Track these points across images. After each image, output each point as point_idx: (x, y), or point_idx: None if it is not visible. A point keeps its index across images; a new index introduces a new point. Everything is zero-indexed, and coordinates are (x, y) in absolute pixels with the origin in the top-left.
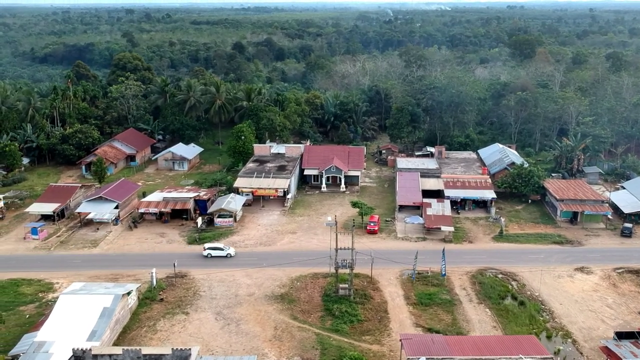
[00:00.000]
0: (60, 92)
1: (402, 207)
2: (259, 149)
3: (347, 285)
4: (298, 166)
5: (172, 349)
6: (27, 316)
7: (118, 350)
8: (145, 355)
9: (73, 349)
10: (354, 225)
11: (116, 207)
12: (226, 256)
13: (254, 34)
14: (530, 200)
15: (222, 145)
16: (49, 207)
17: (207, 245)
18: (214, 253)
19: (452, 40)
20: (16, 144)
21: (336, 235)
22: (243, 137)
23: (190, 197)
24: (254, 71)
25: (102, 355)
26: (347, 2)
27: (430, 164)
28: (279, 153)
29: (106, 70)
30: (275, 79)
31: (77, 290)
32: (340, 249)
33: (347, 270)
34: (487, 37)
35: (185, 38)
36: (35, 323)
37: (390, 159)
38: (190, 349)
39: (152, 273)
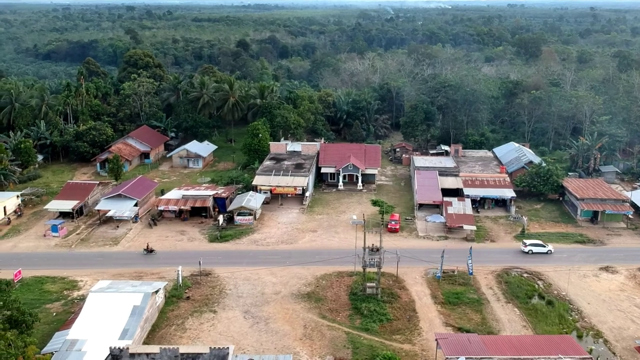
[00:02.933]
0: (73, 88)
1: (421, 206)
2: (275, 147)
3: (374, 284)
4: (315, 164)
5: (210, 347)
6: (54, 314)
7: (155, 349)
8: (182, 354)
9: (110, 348)
10: (381, 224)
11: (135, 205)
12: (547, 252)
13: (257, 32)
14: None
15: (235, 143)
16: (68, 205)
17: (527, 241)
18: (535, 249)
19: (455, 39)
20: (30, 141)
21: (364, 233)
22: (259, 135)
23: (210, 195)
24: (260, 69)
25: (139, 354)
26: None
27: (447, 162)
28: (294, 151)
29: (110, 67)
30: (281, 77)
31: (105, 288)
32: (368, 247)
33: (374, 269)
34: (490, 35)
35: (187, 35)
36: (64, 321)
37: (405, 157)
38: (228, 347)
39: (178, 271)
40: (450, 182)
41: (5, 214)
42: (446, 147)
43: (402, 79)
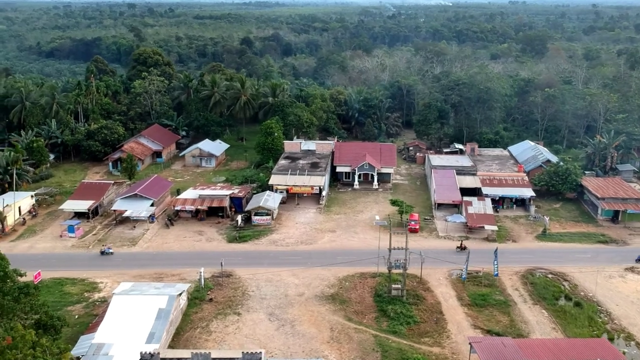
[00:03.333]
0: (84, 87)
1: (439, 206)
2: (289, 146)
3: (399, 286)
4: (330, 163)
5: (243, 352)
6: (76, 317)
7: (187, 353)
8: (215, 359)
9: (141, 353)
10: (407, 225)
11: (152, 205)
12: None
13: (260, 29)
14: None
15: (246, 141)
16: (83, 205)
17: None
18: None
19: (458, 36)
20: (42, 140)
21: (389, 234)
22: (274, 134)
23: (227, 195)
24: (265, 66)
25: (171, 359)
26: None
27: (464, 161)
28: (309, 150)
29: (115, 65)
30: (287, 75)
31: (128, 291)
32: (394, 248)
33: (399, 271)
34: (494, 32)
35: (190, 33)
36: (87, 324)
37: (419, 156)
38: (260, 352)
39: (200, 272)
40: (469, 181)
41: (20, 214)
42: (460, 146)
43: (413, 76)
